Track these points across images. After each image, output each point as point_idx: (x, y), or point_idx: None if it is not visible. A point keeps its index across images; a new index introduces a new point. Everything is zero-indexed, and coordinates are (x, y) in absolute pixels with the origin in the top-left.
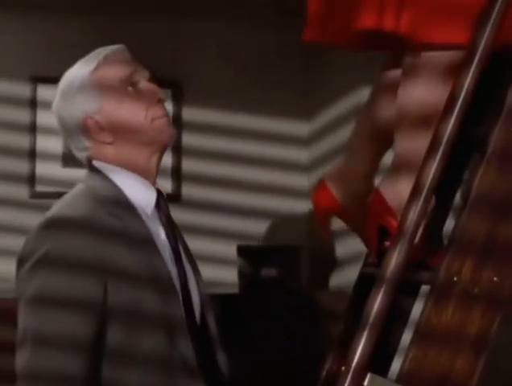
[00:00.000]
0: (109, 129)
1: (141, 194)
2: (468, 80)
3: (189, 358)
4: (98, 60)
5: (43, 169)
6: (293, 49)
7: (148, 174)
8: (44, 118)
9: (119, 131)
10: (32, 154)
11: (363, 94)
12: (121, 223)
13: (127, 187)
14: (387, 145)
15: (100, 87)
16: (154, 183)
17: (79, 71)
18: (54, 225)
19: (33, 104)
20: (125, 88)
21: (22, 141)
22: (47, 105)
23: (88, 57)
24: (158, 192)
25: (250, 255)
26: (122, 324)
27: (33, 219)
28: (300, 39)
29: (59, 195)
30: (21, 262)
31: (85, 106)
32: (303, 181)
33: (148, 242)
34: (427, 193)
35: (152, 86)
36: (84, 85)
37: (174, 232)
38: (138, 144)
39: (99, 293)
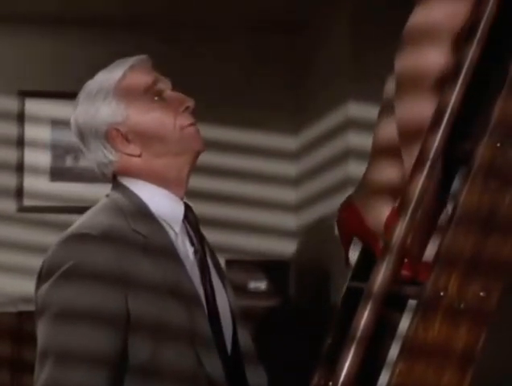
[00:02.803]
0: (136, 140)
1: (168, 209)
2: (454, 95)
3: (217, 375)
4: (125, 70)
5: (31, 183)
6: (281, 64)
7: (178, 187)
8: (32, 132)
9: (147, 142)
10: (20, 168)
11: (351, 108)
12: (144, 238)
13: (154, 203)
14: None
15: (126, 97)
16: (183, 196)
17: (104, 81)
18: (77, 240)
19: (21, 118)
20: (152, 98)
21: (9, 155)
22: (35, 119)
23: (112, 67)
24: (186, 206)
25: (239, 269)
26: (146, 339)
27: (21, 234)
28: (288, 54)
29: (47, 209)
30: (43, 277)
31: (110, 117)
32: (291, 195)
33: (172, 257)
34: (414, 208)
35: (178, 94)
36: (110, 95)
37: (203, 246)
38: (167, 155)
39: (122, 307)
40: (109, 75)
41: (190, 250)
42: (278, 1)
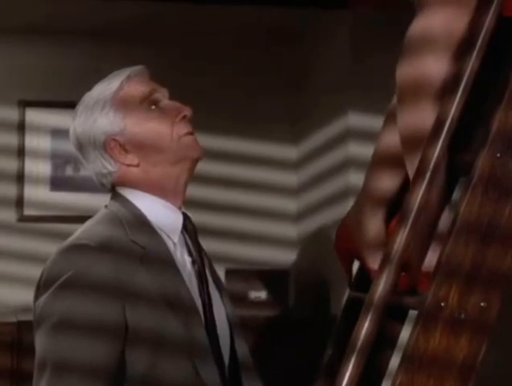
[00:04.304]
0: (134, 150)
1: (166, 219)
2: (454, 105)
3: (214, 385)
4: (121, 80)
5: (31, 192)
6: (281, 73)
7: (176, 196)
8: (32, 142)
9: (145, 152)
10: (20, 178)
11: (351, 118)
12: (142, 249)
13: (152, 213)
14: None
15: (123, 107)
16: (181, 206)
17: (101, 92)
18: (76, 251)
19: (21, 127)
20: (149, 108)
21: (10, 164)
22: (36, 129)
23: (109, 78)
24: (185, 216)
25: (239, 278)
26: (144, 349)
27: (21, 243)
28: (288, 63)
29: (47, 219)
30: (42, 287)
31: (107, 128)
32: (291, 204)
33: (170, 267)
34: (414, 218)
35: (175, 103)
36: (107, 106)
37: (201, 257)
38: (165, 164)
39: (120, 318)
40: (107, 87)
41: (188, 260)
42: (277, 10)
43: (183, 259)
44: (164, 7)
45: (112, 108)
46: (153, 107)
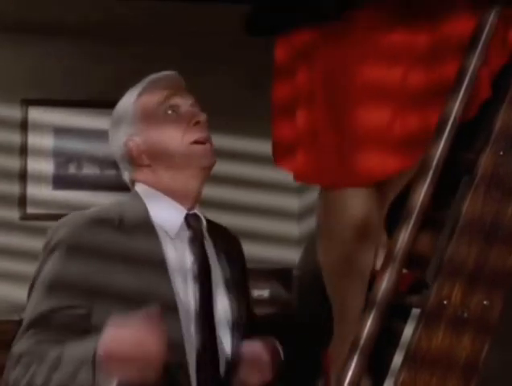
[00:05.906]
0: (147, 152)
1: (167, 216)
2: (457, 104)
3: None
4: (143, 87)
5: (34, 191)
6: None
7: (186, 199)
8: (35, 140)
9: (156, 155)
10: (23, 177)
11: None
12: (128, 241)
13: (155, 209)
14: None
15: (140, 112)
16: (192, 208)
17: (125, 99)
18: (77, 219)
19: (24, 126)
20: (165, 112)
21: (13, 163)
22: (38, 128)
23: (137, 84)
24: (195, 216)
25: None
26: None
27: (23, 241)
28: None
29: (49, 217)
30: (43, 251)
31: (128, 130)
32: (294, 203)
33: (155, 263)
34: (416, 217)
35: (191, 109)
36: (128, 111)
37: (205, 256)
38: (173, 168)
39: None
40: (130, 93)
41: (188, 258)
42: None
43: (182, 258)
44: (164, 7)
45: (133, 113)
46: (170, 112)
